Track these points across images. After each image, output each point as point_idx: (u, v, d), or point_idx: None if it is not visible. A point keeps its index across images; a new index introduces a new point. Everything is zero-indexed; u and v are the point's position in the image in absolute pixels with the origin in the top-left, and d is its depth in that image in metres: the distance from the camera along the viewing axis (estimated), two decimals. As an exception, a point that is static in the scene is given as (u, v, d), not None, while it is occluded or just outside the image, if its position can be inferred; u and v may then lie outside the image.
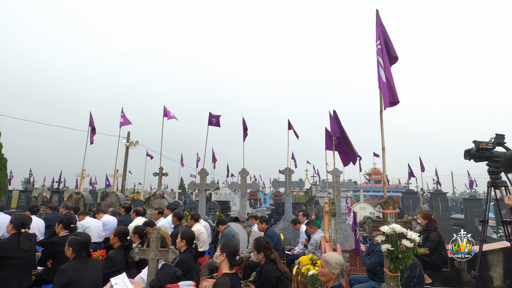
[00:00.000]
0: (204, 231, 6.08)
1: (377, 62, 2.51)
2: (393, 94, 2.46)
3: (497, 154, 3.32)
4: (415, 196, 15.56)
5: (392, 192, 29.95)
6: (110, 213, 7.04)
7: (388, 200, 2.35)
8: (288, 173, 8.53)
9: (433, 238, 4.83)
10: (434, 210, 13.38)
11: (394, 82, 2.46)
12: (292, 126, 8.59)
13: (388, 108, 2.63)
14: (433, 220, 5.10)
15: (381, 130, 2.44)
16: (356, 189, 30.41)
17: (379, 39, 2.52)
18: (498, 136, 3.39)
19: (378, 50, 2.52)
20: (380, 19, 2.56)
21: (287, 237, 8.35)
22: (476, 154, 3.38)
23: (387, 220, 2.33)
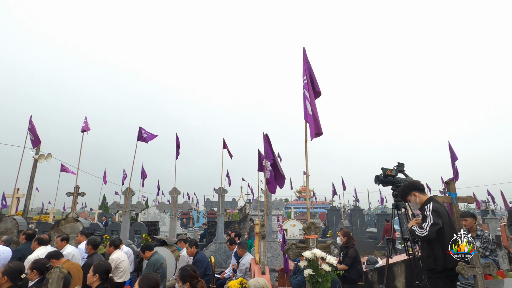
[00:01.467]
0: (125, 259, 5.46)
1: (304, 95, 2.73)
2: (317, 126, 2.68)
3: (399, 180, 3.88)
4: (338, 212, 17.03)
5: (319, 208, 32.27)
6: (3, 243, 5.79)
7: (310, 226, 2.49)
8: (221, 193, 8.42)
9: (351, 255, 5.29)
10: (353, 225, 14.81)
11: (318, 115, 2.69)
12: (226, 145, 8.61)
13: (314, 138, 2.86)
14: (351, 238, 5.61)
15: (306, 159, 2.62)
16: (287, 206, 31.88)
17: (305, 74, 2.75)
18: (399, 165, 3.98)
19: (304, 85, 2.74)
20: (306, 56, 2.82)
21: (218, 259, 8.12)
22: (383, 179, 3.90)
23: (309, 245, 2.46)
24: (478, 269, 2.78)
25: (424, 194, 3.35)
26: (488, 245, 5.04)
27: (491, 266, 2.94)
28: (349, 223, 15.23)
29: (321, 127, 2.64)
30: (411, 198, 3.37)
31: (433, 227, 2.97)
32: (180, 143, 9.14)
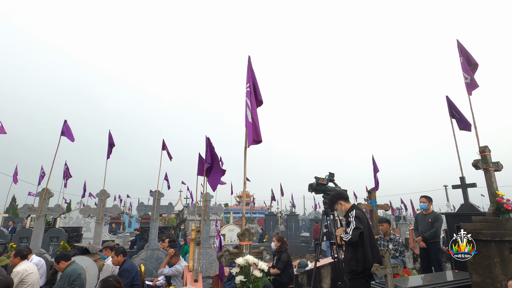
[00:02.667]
0: (34, 271, 4.72)
1: (245, 103, 2.77)
2: (257, 134, 2.73)
3: (329, 188, 4.20)
4: (275, 217, 17.63)
5: (258, 213, 32.93)
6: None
7: (245, 232, 2.50)
8: (157, 197, 7.96)
9: (283, 259, 5.50)
10: (288, 230, 15.50)
11: (259, 123, 2.75)
12: (166, 147, 8.21)
13: (253, 145, 2.90)
14: (285, 242, 5.85)
15: (244, 165, 2.64)
16: (227, 211, 31.74)
17: (249, 82, 2.81)
18: (330, 174, 4.31)
19: (247, 92, 2.79)
20: (251, 64, 2.88)
21: (149, 268, 7.61)
22: (316, 187, 4.17)
23: (243, 252, 2.47)
24: (388, 269, 3.15)
25: (348, 203, 3.72)
26: (399, 247, 5.77)
27: (399, 266, 3.37)
28: (285, 228, 15.89)
29: (261, 135, 2.71)
30: (337, 206, 3.71)
31: (356, 231, 3.30)
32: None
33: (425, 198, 5.99)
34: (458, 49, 5.05)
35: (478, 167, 4.05)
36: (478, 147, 4.21)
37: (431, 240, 5.66)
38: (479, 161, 4.07)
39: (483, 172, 4.07)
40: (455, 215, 5.37)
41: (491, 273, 3.42)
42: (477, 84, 4.86)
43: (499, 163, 4.14)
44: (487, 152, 4.09)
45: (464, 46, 5.04)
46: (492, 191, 3.91)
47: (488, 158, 4.07)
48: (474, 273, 3.59)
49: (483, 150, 4.13)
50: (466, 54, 4.98)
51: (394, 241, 5.79)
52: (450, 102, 5.85)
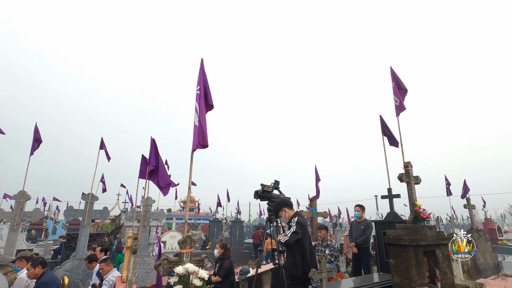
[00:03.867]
0: None
1: (194, 106, 2.70)
2: (203, 138, 2.68)
3: (274, 196, 4.31)
4: (220, 223, 17.41)
5: (202, 220, 32.19)
6: None
7: (186, 239, 2.41)
8: (90, 200, 7.21)
9: (225, 266, 5.43)
10: (232, 236, 15.41)
11: (206, 127, 2.70)
12: (105, 146, 7.51)
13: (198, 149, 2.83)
14: (228, 249, 5.78)
15: (190, 169, 2.56)
16: (170, 216, 30.35)
17: (200, 85, 2.75)
18: (276, 182, 4.44)
19: (196, 95, 2.72)
20: (203, 67, 2.83)
21: (75, 280, 6.81)
22: (261, 195, 4.24)
23: (183, 260, 2.36)
24: (324, 274, 3.34)
25: (292, 210, 3.86)
26: (334, 252, 6.17)
27: (333, 270, 3.60)
28: (229, 234, 15.79)
29: (207, 140, 2.66)
30: (281, 213, 3.84)
31: (294, 235, 3.44)
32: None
33: (359, 207, 6.55)
34: (391, 75, 5.71)
35: (402, 180, 4.59)
36: (403, 163, 4.77)
37: (363, 245, 6.19)
38: (403, 174, 4.61)
39: (406, 185, 4.61)
40: (382, 222, 5.96)
41: (408, 274, 3.86)
42: (405, 107, 5.53)
43: (419, 177, 4.74)
44: (409, 167, 4.65)
45: (396, 72, 5.71)
46: (412, 202, 4.45)
47: (410, 172, 4.63)
48: (395, 275, 4.01)
49: (406, 165, 4.69)
50: (397, 79, 5.65)
51: (330, 247, 6.18)
52: (382, 121, 6.54)
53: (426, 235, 4.20)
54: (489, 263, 11.14)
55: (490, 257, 11.38)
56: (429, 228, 4.42)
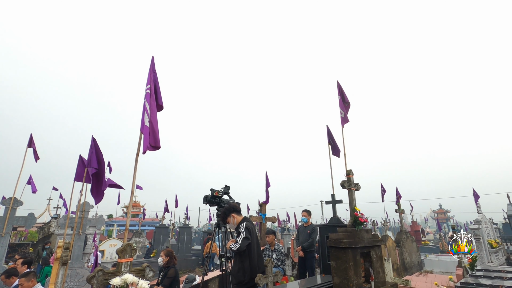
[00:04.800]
0: None
1: (144, 106, 2.55)
2: (155, 139, 2.53)
3: (224, 201, 4.27)
4: (167, 230, 16.60)
5: (148, 226, 30.39)
6: None
7: (126, 248, 2.24)
8: (11, 205, 6.28)
9: (170, 275, 5.18)
10: (180, 243, 14.80)
11: (158, 128, 2.56)
12: (33, 143, 6.62)
13: (149, 151, 2.67)
14: (174, 257, 5.53)
15: (134, 173, 2.39)
16: (110, 223, 27.98)
17: (150, 84, 2.60)
18: (226, 187, 4.40)
19: (146, 95, 2.57)
20: (154, 65, 2.69)
21: (-14, 299, 5.81)
22: (211, 200, 4.17)
23: (121, 271, 2.18)
24: (270, 278, 3.39)
25: (241, 215, 3.87)
26: (281, 256, 6.32)
27: (279, 274, 3.68)
28: (176, 241, 15.15)
29: (159, 141, 2.52)
30: (230, 219, 3.82)
31: (245, 240, 3.45)
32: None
33: (306, 212, 6.84)
34: (337, 88, 6.15)
35: (344, 186, 4.93)
36: (345, 170, 5.13)
37: (308, 249, 6.46)
38: (345, 182, 4.96)
39: (347, 191, 4.97)
40: (326, 226, 6.32)
41: (347, 275, 4.13)
42: (348, 119, 5.99)
43: (358, 184, 5.15)
44: (351, 175, 5.03)
45: (342, 87, 6.17)
46: (352, 207, 4.80)
47: (351, 180, 5.01)
48: (336, 276, 4.27)
49: (348, 173, 5.05)
50: (342, 93, 6.10)
51: (277, 251, 6.33)
52: (329, 131, 6.98)
53: (363, 238, 4.56)
54: (414, 261, 12.54)
55: (415, 256, 12.82)
56: (366, 231, 4.81)
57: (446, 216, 38.30)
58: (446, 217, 38.25)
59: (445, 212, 38.92)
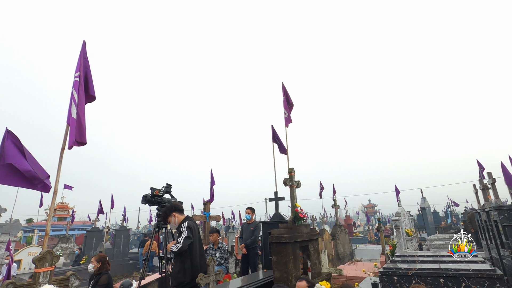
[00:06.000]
0: None
1: (71, 95, 2.25)
2: (81, 134, 2.27)
3: (165, 200, 4.07)
4: (100, 234, 15.21)
5: (78, 230, 27.41)
6: None
7: (46, 256, 1.96)
8: None
9: (102, 282, 4.72)
10: (115, 247, 13.70)
11: (85, 121, 2.30)
12: None
13: (75, 147, 2.38)
14: (107, 262, 5.08)
15: (58, 171, 2.10)
16: (30, 228, 24.39)
17: (79, 71, 2.31)
18: (168, 185, 4.21)
19: (75, 83, 2.27)
20: (85, 50, 2.39)
21: None
22: (151, 199, 3.94)
23: (38, 282, 1.91)
24: (212, 277, 3.35)
25: (182, 215, 3.74)
26: (224, 254, 6.31)
27: (221, 273, 3.66)
28: (112, 245, 13.98)
29: (85, 136, 2.25)
30: (171, 219, 3.66)
31: (187, 240, 3.33)
32: None
33: (249, 209, 6.94)
34: (282, 90, 6.39)
35: (286, 184, 5.14)
36: (288, 169, 5.36)
37: (251, 246, 6.56)
38: (287, 179, 5.18)
39: (289, 188, 5.20)
40: (268, 223, 6.51)
41: (287, 268, 4.32)
42: (291, 120, 6.26)
43: (299, 181, 5.42)
44: (293, 173, 5.27)
45: (286, 88, 6.43)
46: (293, 203, 5.04)
47: (293, 178, 5.25)
48: (276, 270, 4.43)
49: (290, 171, 5.29)
50: (287, 95, 6.35)
51: (221, 250, 6.29)
52: (273, 131, 7.20)
53: (302, 232, 4.82)
54: (347, 251, 13.77)
55: (347, 247, 14.07)
56: (305, 226, 5.09)
57: (374, 210, 42.96)
58: (374, 210, 42.91)
59: (373, 206, 43.62)
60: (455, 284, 4.21)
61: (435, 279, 4.35)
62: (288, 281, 4.19)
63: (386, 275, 4.76)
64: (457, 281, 4.20)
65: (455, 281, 4.22)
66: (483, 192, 6.33)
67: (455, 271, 4.30)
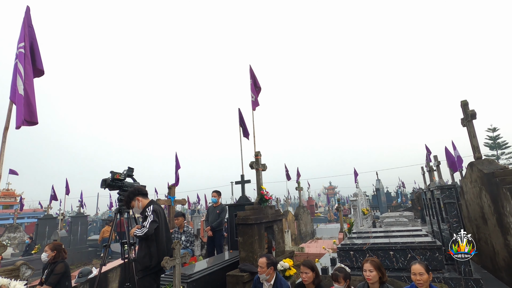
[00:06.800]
0: None
1: (15, 67, 1.98)
2: (31, 112, 2.03)
3: (126, 184, 3.90)
4: (54, 221, 14.24)
5: (27, 218, 25.34)
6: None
7: (-9, 245, 1.79)
8: None
9: (58, 271, 4.48)
10: (72, 234, 12.99)
11: (35, 99, 2.06)
12: None
13: (24, 126, 2.15)
14: (63, 250, 4.80)
15: (1, 154, 1.87)
16: (-30, 218, 21.96)
17: (24, 41, 2.04)
18: (130, 169, 4.03)
19: (19, 54, 2.00)
20: (29, 18, 2.10)
21: None
22: (111, 183, 3.74)
23: (-17, 274, 1.74)
24: (177, 260, 3.34)
25: (147, 199, 3.62)
26: (190, 237, 6.30)
27: (187, 255, 3.66)
28: (68, 232, 13.20)
29: (36, 115, 2.02)
30: (134, 203, 3.52)
31: (153, 224, 3.25)
32: None
33: (215, 192, 6.94)
34: (250, 73, 6.32)
35: (252, 167, 5.20)
36: (254, 152, 5.41)
37: (217, 228, 6.62)
38: (254, 162, 5.24)
39: (255, 171, 5.27)
40: (235, 205, 6.59)
41: (252, 248, 4.46)
42: (259, 103, 6.27)
43: (265, 164, 5.52)
44: (259, 156, 5.33)
45: (254, 71, 6.37)
46: (259, 186, 5.13)
47: (259, 161, 5.32)
48: (242, 250, 4.54)
49: (256, 154, 5.34)
50: (254, 78, 6.31)
51: (186, 233, 6.27)
52: (240, 114, 7.17)
53: (267, 214, 4.97)
54: (308, 230, 14.54)
55: (309, 226, 14.85)
56: (270, 207, 5.24)
57: (334, 192, 45.56)
58: (334, 192, 45.51)
59: (333, 188, 46.20)
60: (402, 255, 4.68)
61: (385, 252, 4.80)
62: (254, 260, 4.33)
63: (344, 250, 5.13)
64: (404, 253, 4.68)
65: (402, 252, 4.69)
66: (429, 173, 7.00)
67: (402, 244, 4.77)
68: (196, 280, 3.99)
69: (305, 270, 3.27)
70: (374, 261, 2.95)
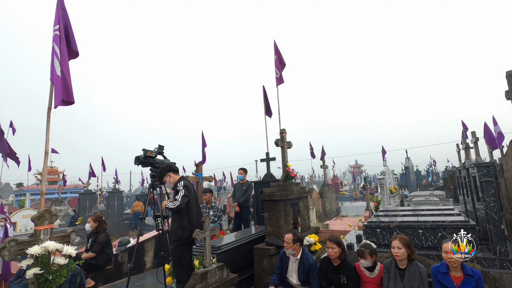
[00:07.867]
0: None
1: (52, 50, 2.09)
2: (68, 93, 2.16)
3: (158, 161, 4.09)
4: (93, 196, 15.42)
5: (70, 193, 27.66)
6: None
7: (44, 214, 1.99)
8: None
9: (100, 240, 4.92)
10: (110, 208, 14.03)
11: (70, 79, 2.18)
12: None
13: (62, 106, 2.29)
14: (103, 222, 5.23)
15: (47, 132, 2.03)
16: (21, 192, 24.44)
17: (59, 24, 2.12)
18: (160, 147, 4.20)
19: (55, 36, 2.10)
20: (63, 2, 2.17)
21: None
22: (144, 160, 3.94)
23: (39, 239, 1.96)
24: (207, 233, 3.52)
25: (178, 175, 3.79)
26: (218, 212, 6.57)
27: (216, 229, 3.84)
28: (106, 206, 14.29)
29: (73, 95, 2.15)
30: (166, 178, 3.71)
31: (184, 198, 3.43)
32: None
33: (242, 170, 7.09)
34: (274, 49, 6.15)
35: (277, 144, 5.20)
36: (279, 129, 5.38)
37: (244, 204, 6.83)
38: (279, 140, 5.23)
39: (280, 149, 5.27)
40: (260, 182, 6.71)
41: (278, 223, 4.57)
42: (283, 80, 6.14)
43: (291, 142, 5.49)
44: (284, 134, 5.31)
45: (278, 47, 6.19)
46: (284, 163, 5.15)
47: (284, 139, 5.30)
48: (268, 225, 4.67)
49: (282, 131, 5.32)
50: (279, 54, 6.14)
51: (214, 208, 6.54)
52: (264, 91, 7.09)
53: (293, 191, 5.01)
54: (333, 208, 14.55)
55: (334, 204, 14.83)
56: (295, 184, 5.28)
57: (360, 170, 44.68)
58: (360, 171, 44.64)
59: (359, 166, 45.28)
60: (432, 234, 4.57)
61: (414, 230, 4.71)
62: (279, 235, 4.45)
63: (370, 227, 5.11)
64: (434, 232, 4.57)
65: (432, 231, 4.58)
66: (465, 151, 6.61)
67: (433, 223, 4.65)
68: (225, 252, 4.20)
69: (331, 245, 3.31)
70: (403, 238, 2.92)
